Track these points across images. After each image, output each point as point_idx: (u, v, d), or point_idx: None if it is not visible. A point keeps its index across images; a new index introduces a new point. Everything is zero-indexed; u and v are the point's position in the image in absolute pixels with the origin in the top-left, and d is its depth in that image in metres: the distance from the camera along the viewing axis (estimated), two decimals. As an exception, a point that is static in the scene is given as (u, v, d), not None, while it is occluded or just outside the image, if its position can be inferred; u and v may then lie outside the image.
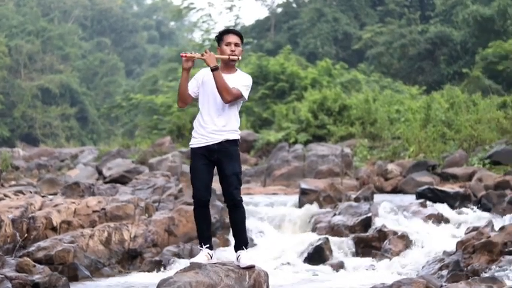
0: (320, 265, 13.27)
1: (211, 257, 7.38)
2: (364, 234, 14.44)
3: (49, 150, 36.57)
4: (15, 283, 9.99)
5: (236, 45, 7.45)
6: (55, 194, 16.87)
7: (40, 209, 13.67)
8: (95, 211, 13.93)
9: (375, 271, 12.78)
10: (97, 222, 13.70)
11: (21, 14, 69.39)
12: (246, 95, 7.38)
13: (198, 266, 7.08)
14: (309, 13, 55.17)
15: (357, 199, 17.85)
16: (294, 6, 61.76)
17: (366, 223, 15.11)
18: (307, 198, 18.02)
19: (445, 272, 11.21)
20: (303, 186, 18.60)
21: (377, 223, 15.08)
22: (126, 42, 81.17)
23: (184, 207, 15.08)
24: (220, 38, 7.53)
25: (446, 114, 26.41)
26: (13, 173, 25.73)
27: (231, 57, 7.40)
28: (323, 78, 37.62)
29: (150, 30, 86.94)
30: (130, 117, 52.63)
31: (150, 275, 12.58)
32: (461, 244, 11.90)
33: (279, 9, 62.64)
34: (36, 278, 10.22)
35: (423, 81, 43.63)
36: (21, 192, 14.85)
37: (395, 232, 14.17)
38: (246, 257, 7.36)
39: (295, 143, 29.04)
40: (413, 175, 21.52)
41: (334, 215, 15.93)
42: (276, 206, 17.98)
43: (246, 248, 7.43)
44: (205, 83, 7.43)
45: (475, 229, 12.51)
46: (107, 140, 51.35)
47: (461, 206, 17.50)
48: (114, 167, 23.34)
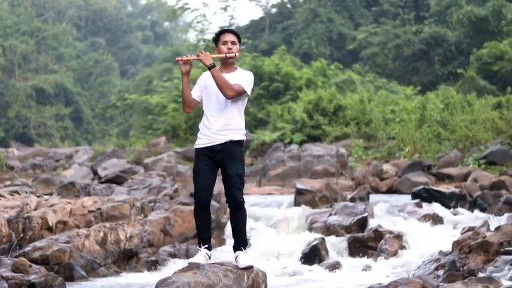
0: (316, 265, 13.23)
1: (209, 257, 7.38)
2: (360, 234, 14.40)
3: (44, 150, 36.48)
4: (12, 283, 9.99)
5: (233, 43, 7.48)
6: (50, 194, 16.85)
7: (36, 209, 13.65)
8: (90, 211, 13.91)
9: (370, 271, 12.75)
10: (93, 222, 13.69)
11: (15, 14, 69.30)
12: (248, 90, 7.43)
13: (197, 266, 7.07)
14: (303, 13, 55.23)
15: (352, 199, 17.83)
16: (289, 6, 61.83)
17: (362, 223, 15.10)
18: (303, 198, 18.01)
19: (441, 272, 11.20)
20: (299, 186, 18.58)
21: (373, 223, 15.05)
22: (120, 42, 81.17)
23: (180, 207, 15.09)
24: (217, 38, 7.57)
25: (442, 115, 26.41)
26: (8, 173, 25.72)
27: (228, 55, 7.42)
28: (318, 79, 37.64)
29: (145, 31, 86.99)
30: (125, 117, 52.60)
31: (146, 275, 12.58)
32: (457, 244, 11.88)
33: (274, 10, 62.70)
34: (32, 278, 10.22)
35: (418, 81, 43.68)
36: (16, 192, 14.82)
37: (391, 232, 14.13)
38: (245, 257, 7.36)
39: (290, 143, 29.03)
40: (409, 175, 21.52)
41: (330, 215, 15.90)
42: (272, 206, 17.96)
43: (245, 249, 7.44)
44: (208, 86, 7.46)
45: (471, 229, 12.48)
46: (102, 140, 51.30)
47: (457, 206, 17.53)
48: (109, 167, 23.30)
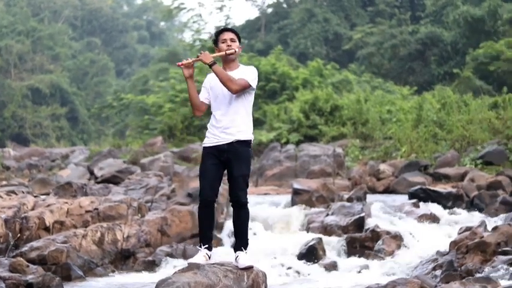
0: (313, 265, 13.21)
1: (209, 257, 7.37)
2: (357, 234, 14.39)
3: (40, 150, 36.40)
4: (9, 283, 9.96)
5: (232, 40, 7.53)
6: (47, 194, 16.82)
7: (33, 209, 13.62)
8: (87, 211, 13.88)
9: (368, 271, 12.74)
10: (90, 222, 13.66)
11: (11, 14, 69.24)
12: (253, 84, 7.42)
13: (197, 267, 7.07)
14: (299, 13, 55.25)
15: (349, 199, 17.83)
16: (285, 6, 61.84)
17: (359, 223, 15.10)
18: (300, 198, 17.99)
19: (438, 272, 11.20)
20: (296, 186, 18.57)
21: (370, 223, 15.06)
22: (116, 42, 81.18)
23: (177, 207, 15.06)
24: (216, 39, 7.60)
25: (438, 115, 26.41)
26: (4, 173, 25.67)
27: (228, 52, 7.45)
28: (314, 79, 37.63)
29: (140, 30, 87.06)
30: (121, 117, 52.56)
31: (143, 275, 12.59)
32: (454, 244, 11.87)
33: (270, 10, 62.74)
34: (29, 278, 10.20)
35: (414, 81, 43.75)
36: (13, 192, 14.78)
37: (388, 232, 14.14)
38: (245, 257, 7.38)
39: (287, 143, 29.02)
40: (406, 175, 21.52)
41: (327, 215, 15.90)
42: (269, 206, 17.94)
43: (245, 250, 7.44)
44: (213, 87, 7.49)
45: (468, 229, 12.47)
46: (98, 140, 51.25)
47: (454, 206, 17.54)
48: (106, 167, 23.24)
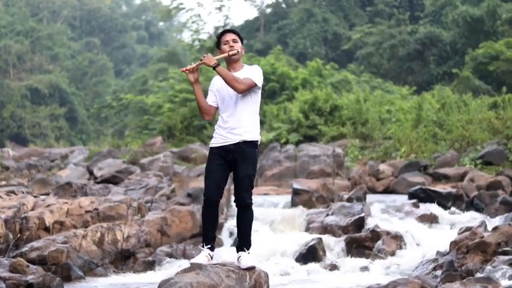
0: (313, 265, 13.20)
1: (211, 257, 7.36)
2: (357, 235, 14.39)
3: (39, 150, 36.35)
4: (9, 283, 9.96)
5: (234, 41, 7.49)
6: (47, 194, 16.81)
7: (33, 209, 13.60)
8: (87, 211, 13.87)
9: (368, 271, 12.72)
10: (90, 223, 13.65)
11: (9, 14, 69.21)
12: (258, 83, 7.37)
13: (199, 267, 7.05)
14: (298, 13, 55.25)
15: (349, 199, 17.83)
16: (283, 6, 61.84)
17: (359, 223, 15.09)
18: (300, 199, 18.01)
19: (439, 272, 11.20)
20: (296, 186, 18.57)
21: (370, 223, 15.06)
22: (115, 42, 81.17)
23: (177, 208, 15.06)
24: (218, 41, 7.59)
25: (438, 115, 26.41)
26: (3, 173, 25.62)
27: (230, 53, 7.42)
28: (314, 79, 37.64)
29: (139, 31, 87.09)
30: (120, 117, 52.54)
31: (144, 275, 12.58)
32: (454, 244, 11.87)
33: (268, 10, 62.74)
34: (30, 278, 10.19)
35: (413, 81, 43.76)
36: (13, 192, 14.76)
37: (388, 232, 14.14)
38: (247, 258, 7.34)
39: (286, 143, 29.03)
40: (405, 175, 21.52)
41: (327, 215, 15.89)
42: (268, 206, 17.94)
43: (248, 250, 7.42)
44: (220, 90, 7.48)
45: (468, 229, 12.46)
46: (97, 140, 51.21)
47: (454, 206, 17.53)
48: (105, 167, 23.20)
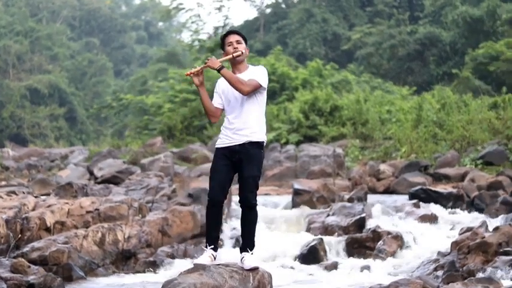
0: (314, 265, 13.20)
1: (214, 258, 7.36)
2: (358, 235, 14.37)
3: (39, 150, 36.29)
4: (10, 284, 9.96)
5: (238, 42, 7.48)
6: (47, 195, 16.76)
7: (33, 209, 13.57)
8: (88, 212, 13.85)
9: (369, 272, 12.71)
10: (91, 223, 13.63)
11: (9, 14, 69.20)
12: (263, 83, 7.36)
13: (202, 268, 7.05)
14: (298, 13, 55.27)
15: (350, 199, 17.82)
16: (283, 6, 61.87)
17: (360, 223, 15.08)
18: (301, 199, 17.99)
19: (440, 273, 11.19)
20: (296, 186, 18.55)
21: (371, 223, 15.04)
22: (114, 42, 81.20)
23: (178, 208, 15.05)
24: (222, 43, 7.58)
25: (438, 115, 26.39)
26: (3, 173, 25.58)
27: (235, 54, 7.40)
28: (314, 79, 37.64)
29: (139, 31, 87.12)
30: (120, 117, 52.53)
31: (145, 275, 12.56)
32: (455, 244, 11.87)
33: (268, 10, 62.77)
34: (31, 278, 10.18)
35: (412, 81, 43.77)
36: (14, 192, 14.73)
37: (389, 232, 14.11)
38: (251, 258, 7.34)
39: (287, 143, 29.03)
40: (406, 175, 21.49)
41: (328, 215, 15.88)
42: (269, 207, 17.93)
43: (251, 251, 7.42)
44: (225, 91, 7.48)
45: (469, 229, 12.47)
46: (96, 141, 51.21)
47: (454, 207, 17.52)
48: (106, 168, 23.14)
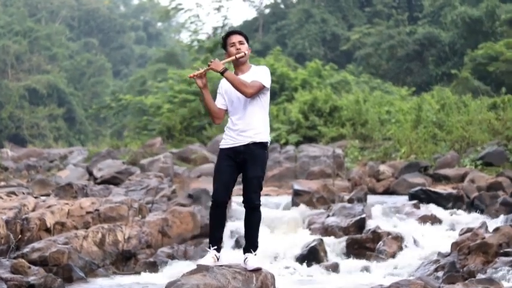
0: (314, 266, 13.21)
1: (218, 259, 7.33)
2: (358, 236, 14.37)
3: (38, 150, 36.25)
4: (11, 284, 9.96)
5: (240, 43, 7.44)
6: (47, 195, 16.75)
7: (33, 210, 13.55)
8: (88, 212, 13.85)
9: (369, 272, 12.76)
10: (91, 224, 13.62)
11: (8, 14, 69.16)
12: (267, 84, 7.33)
13: (205, 269, 7.03)
14: (297, 14, 55.25)
15: (350, 200, 17.80)
16: (282, 7, 61.86)
17: (360, 224, 15.06)
18: (300, 199, 17.97)
19: (440, 274, 11.20)
20: (296, 187, 18.53)
21: (371, 224, 15.02)
22: (113, 42, 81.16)
23: (178, 209, 15.06)
24: (224, 43, 7.55)
25: (437, 115, 26.38)
26: (2, 173, 25.54)
27: (237, 56, 7.38)
28: (313, 79, 37.61)
29: (138, 31, 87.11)
30: (119, 118, 52.50)
31: (144, 276, 12.58)
32: (456, 245, 11.88)
33: (267, 10, 62.76)
34: (31, 279, 10.19)
35: (411, 82, 43.75)
36: (13, 193, 14.71)
37: (389, 233, 14.11)
38: (254, 259, 7.32)
39: (286, 144, 29.02)
40: (406, 176, 21.46)
41: (328, 216, 15.86)
42: (269, 207, 17.88)
43: (254, 252, 7.40)
44: (227, 91, 7.45)
45: (470, 230, 12.47)
46: (95, 141, 51.15)
47: (454, 207, 17.50)
48: (105, 168, 23.09)
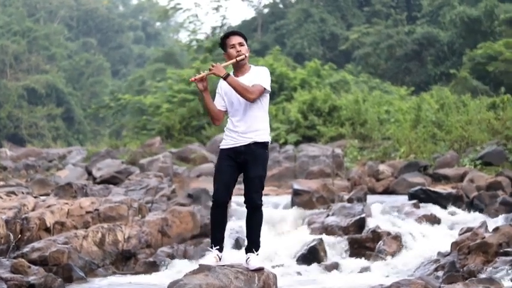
0: (314, 266, 13.19)
1: (220, 259, 7.33)
2: (358, 235, 14.35)
3: (36, 150, 36.18)
4: (11, 284, 9.95)
5: (240, 44, 7.43)
6: (46, 195, 16.77)
7: (33, 209, 13.56)
8: (88, 212, 13.85)
9: (369, 272, 12.73)
10: (90, 223, 13.63)
11: (6, 14, 69.12)
12: (267, 86, 7.37)
13: (208, 268, 7.04)
14: (295, 14, 55.25)
15: (350, 200, 17.78)
16: (281, 6, 61.83)
17: (360, 224, 15.02)
18: (300, 199, 17.93)
19: (440, 273, 11.21)
20: (296, 187, 18.49)
21: (371, 224, 14.99)
22: (112, 42, 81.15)
23: (178, 208, 15.06)
24: (223, 43, 7.52)
25: (437, 115, 26.38)
26: (1, 173, 25.52)
27: (238, 59, 7.37)
28: (312, 79, 37.61)
29: (136, 31, 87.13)
30: (118, 117, 52.48)
31: (144, 276, 12.57)
32: (456, 245, 11.88)
33: (266, 10, 62.74)
34: (31, 279, 10.18)
35: (410, 81, 43.77)
36: (13, 193, 14.72)
37: (389, 233, 14.09)
38: (256, 259, 7.33)
39: (285, 143, 29.01)
40: (405, 176, 21.43)
41: (328, 215, 15.84)
42: (268, 207, 17.85)
43: (256, 252, 7.40)
44: (227, 92, 7.45)
45: (469, 230, 12.47)
46: (93, 141, 51.17)
47: (454, 207, 17.49)
48: (104, 168, 23.08)
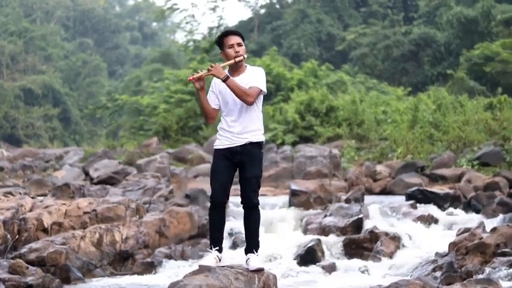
0: (312, 267, 13.18)
1: (219, 259, 7.30)
2: (355, 236, 14.37)
3: (33, 151, 36.09)
4: (9, 285, 9.96)
5: (239, 45, 7.37)
6: (44, 195, 16.75)
7: (31, 210, 13.56)
8: (85, 212, 13.86)
9: (367, 272, 12.73)
10: (88, 224, 13.64)
11: (3, 15, 69.05)
12: (263, 88, 7.31)
13: (208, 269, 7.02)
14: (292, 14, 55.25)
15: (347, 200, 17.79)
16: (278, 7, 61.85)
17: (357, 224, 15.04)
18: (298, 200, 17.94)
19: (438, 274, 11.22)
20: (293, 187, 18.49)
21: (368, 224, 15.02)
22: (108, 42, 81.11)
23: (175, 209, 15.07)
24: (221, 42, 7.45)
25: (434, 116, 26.38)
26: (-2, 174, 25.50)
27: (237, 60, 7.33)
28: (309, 79, 37.59)
29: (133, 31, 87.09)
30: (114, 118, 52.43)
31: (142, 276, 12.58)
32: (453, 245, 11.89)
33: (262, 10, 62.76)
34: (29, 279, 10.20)
35: (407, 82, 43.79)
36: (11, 193, 14.71)
37: (386, 233, 14.12)
38: (256, 260, 7.29)
39: (282, 144, 29.00)
40: (402, 176, 21.43)
41: (325, 216, 15.85)
42: (266, 207, 17.85)
43: (256, 252, 7.37)
44: (222, 92, 7.39)
45: (467, 230, 12.49)
46: (90, 141, 51.08)
47: (451, 207, 17.50)
48: (101, 168, 23.04)
